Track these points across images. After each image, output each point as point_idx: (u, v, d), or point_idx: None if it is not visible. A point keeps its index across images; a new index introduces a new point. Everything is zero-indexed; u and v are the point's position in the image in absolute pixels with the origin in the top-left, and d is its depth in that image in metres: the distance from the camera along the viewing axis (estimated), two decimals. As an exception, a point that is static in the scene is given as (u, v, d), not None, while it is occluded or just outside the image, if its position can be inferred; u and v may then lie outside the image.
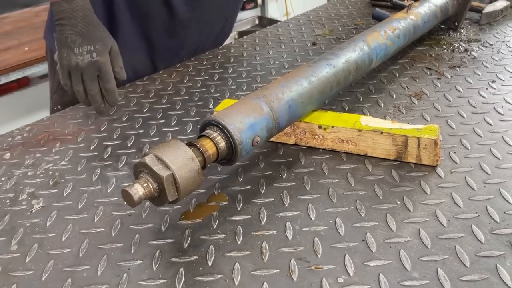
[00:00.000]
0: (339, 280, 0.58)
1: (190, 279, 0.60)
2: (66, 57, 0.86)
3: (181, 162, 0.60)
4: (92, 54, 0.86)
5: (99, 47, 0.86)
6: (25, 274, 0.62)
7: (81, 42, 0.85)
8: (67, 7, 0.85)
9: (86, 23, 0.86)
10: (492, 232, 0.64)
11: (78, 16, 0.86)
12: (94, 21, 0.88)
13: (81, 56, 0.85)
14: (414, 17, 1.10)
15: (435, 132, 0.76)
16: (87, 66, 0.85)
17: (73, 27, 0.85)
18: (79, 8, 0.86)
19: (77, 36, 0.85)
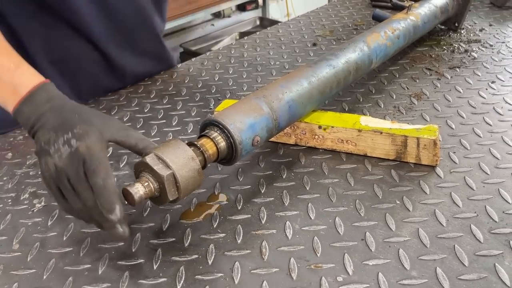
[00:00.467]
0: (338, 279, 0.59)
1: (190, 278, 0.60)
2: (44, 167, 0.60)
3: (181, 162, 0.60)
4: (71, 143, 0.59)
5: (78, 130, 0.60)
6: (26, 273, 0.63)
7: (56, 136, 0.60)
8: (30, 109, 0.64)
9: (57, 113, 0.63)
10: (491, 232, 0.64)
11: (45, 112, 0.63)
12: (67, 105, 0.64)
13: (58, 153, 0.59)
14: (414, 18, 1.10)
15: (434, 132, 0.77)
16: (67, 162, 0.58)
17: (44, 126, 0.62)
18: (43, 100, 0.64)
19: (50, 134, 0.61)
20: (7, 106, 0.67)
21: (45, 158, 0.60)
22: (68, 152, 0.59)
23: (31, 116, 0.64)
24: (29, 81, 0.66)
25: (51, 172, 0.59)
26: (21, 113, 0.64)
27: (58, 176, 0.59)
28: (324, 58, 0.87)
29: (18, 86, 0.66)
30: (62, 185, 0.59)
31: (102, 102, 1.08)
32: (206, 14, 2.95)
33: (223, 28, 3.12)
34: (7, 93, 0.66)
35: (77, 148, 0.58)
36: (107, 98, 1.10)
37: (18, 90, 0.65)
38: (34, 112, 0.64)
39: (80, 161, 0.58)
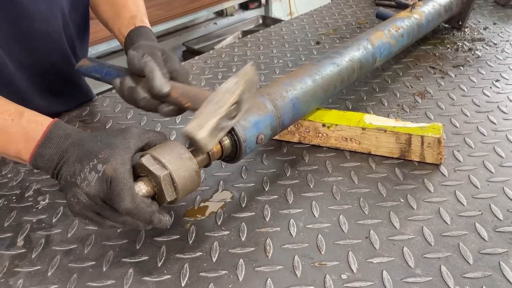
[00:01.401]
0: (342, 277, 0.59)
1: (194, 275, 0.60)
2: (74, 200, 0.58)
3: (178, 162, 0.58)
4: (97, 168, 0.58)
5: (103, 155, 0.58)
6: (31, 270, 0.63)
7: (81, 166, 0.58)
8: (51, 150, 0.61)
9: (79, 146, 0.61)
10: (496, 230, 0.64)
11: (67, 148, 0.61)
12: (86, 137, 0.62)
13: (86, 181, 0.57)
14: (418, 16, 1.10)
15: (438, 131, 0.77)
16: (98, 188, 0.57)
17: (68, 162, 0.60)
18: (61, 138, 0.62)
19: (75, 166, 0.59)
20: (22, 155, 0.64)
21: (73, 190, 0.58)
22: (96, 178, 0.57)
23: (53, 156, 0.61)
24: (40, 125, 0.64)
25: (84, 202, 0.58)
26: (42, 157, 0.62)
27: (92, 203, 0.58)
28: (328, 56, 0.87)
29: (30, 133, 0.63)
30: (100, 209, 0.58)
31: (106, 99, 1.08)
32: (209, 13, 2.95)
33: (226, 26, 3.12)
34: (21, 143, 0.63)
35: (105, 171, 0.57)
36: (111, 95, 1.10)
37: (31, 137, 0.63)
38: (56, 152, 0.61)
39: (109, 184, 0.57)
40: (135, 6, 0.90)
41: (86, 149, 0.60)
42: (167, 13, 2.53)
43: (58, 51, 0.96)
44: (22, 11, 0.86)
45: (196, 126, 0.58)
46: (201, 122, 0.58)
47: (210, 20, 3.16)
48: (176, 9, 2.57)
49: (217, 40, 2.96)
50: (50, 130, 0.63)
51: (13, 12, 0.85)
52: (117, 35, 0.90)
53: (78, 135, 0.63)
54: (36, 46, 0.91)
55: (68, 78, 1.02)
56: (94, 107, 1.05)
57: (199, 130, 0.57)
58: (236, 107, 0.60)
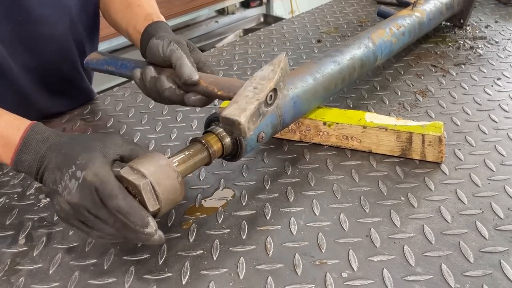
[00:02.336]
0: (343, 275, 0.59)
1: (195, 273, 0.61)
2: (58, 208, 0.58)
3: (158, 170, 0.56)
4: (76, 175, 0.56)
5: (81, 161, 0.57)
6: (32, 267, 0.63)
7: (61, 174, 0.57)
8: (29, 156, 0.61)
9: (57, 151, 0.60)
10: (496, 228, 0.64)
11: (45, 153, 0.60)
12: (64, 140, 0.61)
13: (67, 189, 0.56)
14: (419, 14, 1.10)
15: (439, 129, 0.76)
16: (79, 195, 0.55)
17: (48, 168, 0.59)
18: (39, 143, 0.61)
19: (55, 173, 0.58)
20: (4, 160, 0.63)
21: (56, 198, 0.58)
22: (77, 185, 0.56)
23: (32, 162, 0.61)
24: (16, 129, 0.62)
25: (67, 210, 0.57)
26: (22, 163, 0.61)
27: (75, 212, 0.57)
28: (329, 54, 0.87)
29: (8, 137, 0.62)
30: (84, 218, 0.57)
31: (107, 98, 1.08)
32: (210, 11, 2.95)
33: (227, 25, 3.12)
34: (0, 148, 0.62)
35: (84, 178, 0.55)
36: (112, 93, 1.10)
37: (9, 142, 0.62)
38: (34, 157, 0.61)
39: (92, 190, 0.55)
40: (149, 6, 0.89)
41: (64, 154, 0.59)
42: (168, 11, 2.52)
43: (64, 54, 0.97)
44: (28, 15, 0.86)
45: (237, 110, 0.55)
46: (241, 106, 0.55)
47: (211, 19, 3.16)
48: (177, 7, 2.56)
49: (218, 38, 2.96)
50: (27, 135, 0.61)
51: (19, 16, 0.85)
52: (131, 33, 0.86)
53: (56, 139, 0.61)
54: (41, 50, 0.92)
55: (72, 81, 1.02)
56: (95, 106, 1.05)
57: (240, 114, 0.54)
58: (273, 94, 0.58)
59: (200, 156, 0.64)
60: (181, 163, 0.62)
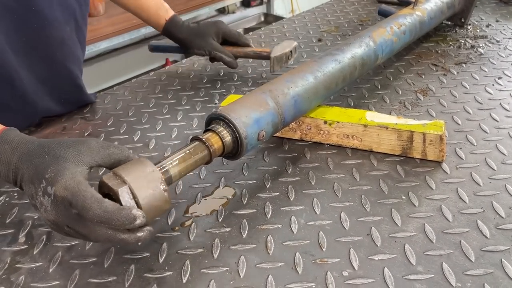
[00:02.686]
0: (344, 274, 0.59)
1: (195, 272, 0.60)
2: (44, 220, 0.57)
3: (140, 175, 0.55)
4: (47, 191, 0.53)
5: (50, 174, 0.53)
6: (32, 266, 0.63)
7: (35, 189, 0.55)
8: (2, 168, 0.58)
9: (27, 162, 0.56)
10: (498, 227, 0.64)
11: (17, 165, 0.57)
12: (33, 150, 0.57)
13: (43, 207, 0.54)
14: (420, 13, 1.10)
15: (440, 128, 0.76)
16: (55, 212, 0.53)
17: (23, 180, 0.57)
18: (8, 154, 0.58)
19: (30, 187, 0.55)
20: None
21: (39, 212, 0.56)
22: (50, 202, 0.53)
23: (7, 173, 0.58)
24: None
25: (50, 225, 0.56)
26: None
27: (58, 228, 0.55)
28: (329, 53, 0.87)
29: None
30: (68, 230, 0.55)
31: (107, 96, 1.08)
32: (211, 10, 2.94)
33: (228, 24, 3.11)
34: None
35: (55, 194, 0.52)
36: (112, 92, 1.10)
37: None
38: (7, 169, 0.58)
39: (66, 205, 0.52)
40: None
41: (34, 165, 0.56)
42: (168, 10, 2.52)
43: (72, 56, 0.97)
44: (41, 20, 0.86)
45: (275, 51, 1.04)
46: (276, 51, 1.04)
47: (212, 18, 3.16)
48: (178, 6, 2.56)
49: (219, 37, 2.95)
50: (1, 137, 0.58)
51: (33, 23, 0.85)
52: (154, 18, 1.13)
53: (25, 147, 0.58)
54: (53, 55, 0.92)
55: (78, 83, 1.02)
56: (95, 104, 1.05)
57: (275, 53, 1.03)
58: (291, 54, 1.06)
59: (200, 155, 0.64)
60: (181, 162, 0.62)
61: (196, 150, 0.64)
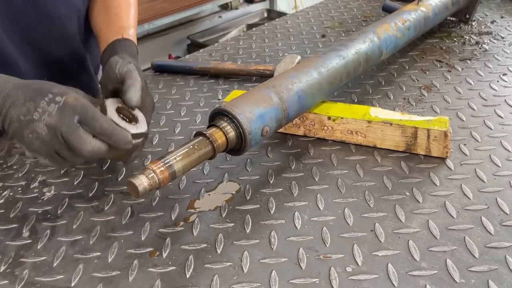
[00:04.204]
0: (347, 269, 0.58)
1: (199, 267, 0.60)
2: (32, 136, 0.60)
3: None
4: (56, 99, 0.59)
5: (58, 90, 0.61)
6: (36, 260, 0.63)
7: (35, 104, 0.59)
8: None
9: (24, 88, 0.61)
10: (502, 224, 0.64)
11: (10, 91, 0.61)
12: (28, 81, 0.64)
13: (45, 114, 0.58)
14: (425, 9, 1.09)
15: (445, 124, 0.76)
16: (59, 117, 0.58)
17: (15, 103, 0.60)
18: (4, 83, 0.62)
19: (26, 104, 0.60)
20: None
21: (30, 126, 0.59)
22: (57, 108, 0.58)
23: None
24: None
25: (42, 136, 0.59)
26: None
27: (52, 136, 0.59)
28: (334, 48, 0.87)
29: None
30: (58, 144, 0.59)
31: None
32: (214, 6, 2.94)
33: (231, 20, 3.11)
34: None
35: (65, 101, 0.59)
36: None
37: None
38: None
39: (71, 113, 0.58)
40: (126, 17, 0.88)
41: (34, 89, 0.61)
42: (172, 6, 2.52)
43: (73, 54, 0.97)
44: (40, 14, 0.86)
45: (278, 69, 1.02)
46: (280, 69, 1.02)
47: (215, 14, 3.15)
48: (181, 2, 2.56)
49: (222, 33, 2.95)
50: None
51: (31, 16, 0.85)
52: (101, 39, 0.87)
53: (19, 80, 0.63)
54: (51, 50, 0.92)
55: (80, 79, 1.02)
56: (98, 100, 1.05)
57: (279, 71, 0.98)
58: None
59: (204, 150, 0.64)
60: (185, 157, 0.62)
61: (199, 146, 0.64)
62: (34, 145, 0.60)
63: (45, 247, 0.65)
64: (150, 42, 2.71)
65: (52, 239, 0.67)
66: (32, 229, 0.69)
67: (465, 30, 1.27)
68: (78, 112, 0.59)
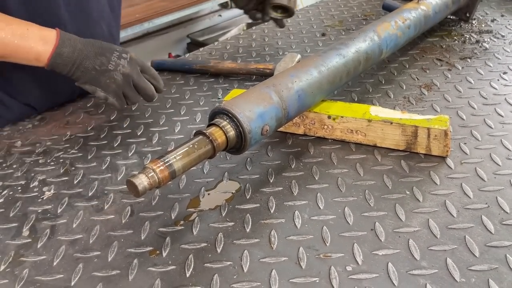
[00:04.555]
0: (347, 269, 0.58)
1: (199, 266, 0.60)
2: (110, 81, 0.82)
3: None
4: (123, 56, 0.83)
5: (119, 48, 0.84)
6: (36, 259, 0.63)
7: (106, 57, 0.82)
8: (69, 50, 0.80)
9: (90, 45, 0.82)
10: (502, 223, 0.64)
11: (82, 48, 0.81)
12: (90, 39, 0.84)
13: (119, 66, 0.82)
14: (425, 8, 1.09)
15: (445, 123, 0.76)
16: (130, 68, 0.83)
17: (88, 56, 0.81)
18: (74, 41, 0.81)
19: (99, 58, 0.82)
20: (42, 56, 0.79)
21: (107, 74, 0.82)
22: (127, 61, 0.83)
23: (70, 54, 0.80)
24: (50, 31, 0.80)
25: (119, 81, 0.82)
26: (61, 55, 0.80)
27: (125, 82, 0.83)
28: (334, 47, 0.86)
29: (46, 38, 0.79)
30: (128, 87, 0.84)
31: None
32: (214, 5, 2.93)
33: (231, 18, 3.11)
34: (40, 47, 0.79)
35: (131, 57, 0.84)
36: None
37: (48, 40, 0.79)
38: (72, 50, 0.80)
39: (136, 65, 0.84)
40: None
41: (99, 46, 0.83)
42: (172, 4, 2.52)
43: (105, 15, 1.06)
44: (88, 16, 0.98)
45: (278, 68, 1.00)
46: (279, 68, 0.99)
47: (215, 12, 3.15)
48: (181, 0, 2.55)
49: (222, 32, 2.95)
50: (61, 33, 0.81)
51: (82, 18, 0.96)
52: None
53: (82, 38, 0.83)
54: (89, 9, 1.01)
55: None
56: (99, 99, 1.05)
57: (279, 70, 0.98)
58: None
59: (204, 149, 0.64)
60: (185, 156, 0.61)
61: (199, 145, 0.64)
62: (111, 88, 0.82)
63: (45, 246, 0.65)
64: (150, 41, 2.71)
65: (52, 238, 0.67)
66: (32, 228, 0.69)
67: (465, 29, 1.27)
68: (140, 64, 0.85)
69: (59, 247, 0.65)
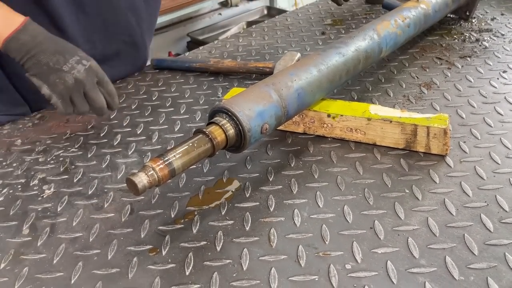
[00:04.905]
0: (346, 267, 0.59)
1: (198, 264, 0.61)
2: (59, 81, 0.77)
3: None
4: (82, 62, 0.79)
5: (81, 54, 0.80)
6: (36, 257, 0.63)
7: (64, 58, 0.78)
8: (26, 38, 0.77)
9: (53, 42, 0.80)
10: (501, 221, 0.64)
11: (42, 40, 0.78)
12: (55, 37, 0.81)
13: (74, 69, 0.78)
14: (425, 6, 1.09)
15: (444, 121, 0.76)
16: (85, 75, 0.78)
17: (46, 51, 0.78)
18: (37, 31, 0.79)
19: (56, 56, 0.78)
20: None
21: (59, 74, 0.77)
22: (85, 68, 0.79)
23: (27, 42, 0.77)
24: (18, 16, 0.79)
25: (69, 84, 0.77)
26: (17, 40, 0.77)
27: (75, 87, 0.78)
28: (333, 46, 0.86)
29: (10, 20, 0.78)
30: (77, 94, 0.79)
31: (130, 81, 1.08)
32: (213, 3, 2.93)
33: (231, 17, 3.10)
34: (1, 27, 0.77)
35: (91, 66, 0.79)
36: (115, 86, 1.09)
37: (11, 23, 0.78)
38: (30, 39, 0.78)
39: (93, 74, 0.79)
40: None
41: (62, 46, 0.80)
42: (171, 3, 2.51)
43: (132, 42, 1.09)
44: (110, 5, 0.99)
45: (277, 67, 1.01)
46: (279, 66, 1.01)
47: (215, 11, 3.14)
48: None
49: (222, 31, 2.94)
50: (27, 22, 0.79)
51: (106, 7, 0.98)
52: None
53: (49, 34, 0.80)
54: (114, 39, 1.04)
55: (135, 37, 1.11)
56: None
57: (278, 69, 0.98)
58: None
59: (203, 148, 0.64)
60: (184, 154, 0.62)
61: (199, 143, 0.64)
62: (58, 88, 0.78)
63: (45, 244, 0.65)
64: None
65: (52, 237, 0.67)
66: (32, 227, 0.69)
67: (465, 28, 1.27)
68: (99, 76, 0.80)
69: (59, 245, 0.65)
